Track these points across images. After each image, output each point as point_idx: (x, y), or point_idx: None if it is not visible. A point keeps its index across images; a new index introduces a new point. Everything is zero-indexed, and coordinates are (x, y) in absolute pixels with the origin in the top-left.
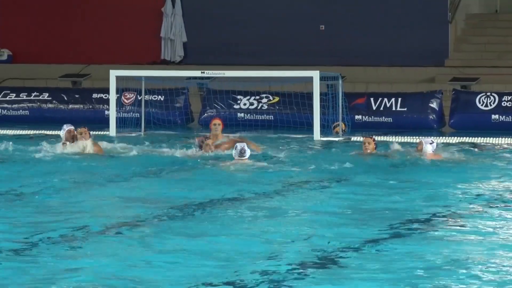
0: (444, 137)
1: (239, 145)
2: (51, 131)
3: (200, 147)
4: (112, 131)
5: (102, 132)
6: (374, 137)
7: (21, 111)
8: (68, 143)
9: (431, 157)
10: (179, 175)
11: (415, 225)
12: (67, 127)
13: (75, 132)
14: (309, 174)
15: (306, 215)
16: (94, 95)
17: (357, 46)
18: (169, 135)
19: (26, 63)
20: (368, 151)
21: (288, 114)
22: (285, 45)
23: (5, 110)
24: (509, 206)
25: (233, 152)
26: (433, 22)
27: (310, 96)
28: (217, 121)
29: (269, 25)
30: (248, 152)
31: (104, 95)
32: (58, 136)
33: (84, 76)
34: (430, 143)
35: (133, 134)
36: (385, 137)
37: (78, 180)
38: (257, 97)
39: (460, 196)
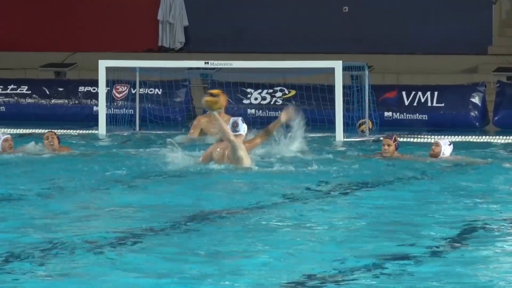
0: (487, 137)
1: (232, 119)
2: (30, 130)
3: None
4: (102, 129)
5: (90, 131)
6: (395, 136)
7: None
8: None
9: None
10: (177, 181)
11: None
12: (3, 136)
13: (12, 142)
14: (328, 181)
15: (321, 227)
16: (81, 88)
17: (386, 31)
18: (168, 135)
19: (0, 51)
20: (388, 154)
21: (306, 110)
22: (302, 31)
23: None
24: None
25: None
26: (474, 3)
27: (331, 89)
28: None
29: (284, 7)
30: (241, 126)
31: (93, 88)
32: (38, 136)
33: (69, 66)
34: (449, 145)
35: (126, 133)
36: (419, 137)
37: (58, 185)
38: (270, 91)
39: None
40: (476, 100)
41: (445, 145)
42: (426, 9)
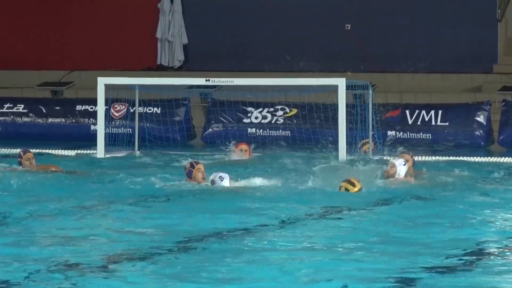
0: (492, 158)
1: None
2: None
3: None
4: (101, 151)
5: (87, 151)
6: (405, 158)
7: None
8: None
9: (403, 181)
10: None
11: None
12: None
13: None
14: (328, 202)
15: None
16: (78, 107)
17: (389, 49)
18: (167, 155)
19: None
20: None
21: (308, 129)
22: (304, 48)
23: None
24: None
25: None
26: (479, 21)
27: (334, 108)
28: (244, 147)
29: (285, 24)
30: (218, 183)
31: (90, 106)
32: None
33: (66, 84)
34: (404, 164)
35: (123, 154)
36: (422, 156)
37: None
38: (271, 109)
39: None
40: (481, 119)
41: (400, 165)
42: (431, 27)
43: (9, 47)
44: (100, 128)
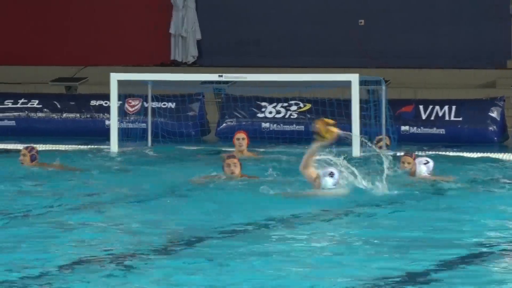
0: (506, 154)
1: (330, 171)
2: (41, 145)
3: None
4: (114, 146)
5: (102, 147)
6: (415, 154)
7: (6, 121)
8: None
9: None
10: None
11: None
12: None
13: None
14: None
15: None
16: (93, 102)
17: (403, 44)
18: (181, 150)
19: (10, 65)
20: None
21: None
22: (318, 44)
23: None
24: None
25: (326, 179)
26: (493, 15)
27: (347, 103)
28: (241, 135)
29: (299, 20)
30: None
31: (104, 102)
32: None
33: (79, 80)
34: (425, 163)
35: (137, 149)
36: (435, 151)
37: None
38: (285, 104)
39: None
40: (494, 114)
41: (420, 163)
42: (444, 23)
43: (23, 43)
44: (113, 123)
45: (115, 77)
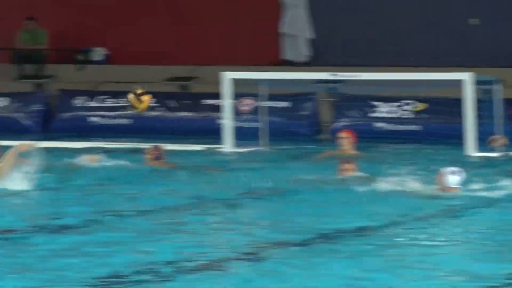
0: None
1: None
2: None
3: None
4: (229, 145)
5: (215, 146)
6: None
7: (121, 119)
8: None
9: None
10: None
11: None
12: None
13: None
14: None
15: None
16: (206, 101)
17: None
18: (297, 149)
19: (124, 65)
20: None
21: (440, 123)
22: (432, 42)
23: (103, 118)
24: None
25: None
26: None
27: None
28: (343, 134)
29: (414, 18)
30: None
31: (217, 101)
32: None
33: (192, 79)
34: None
35: (252, 148)
36: None
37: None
38: (398, 104)
39: None
40: None
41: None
42: None
43: (133, 43)
44: (227, 123)
45: (229, 75)
